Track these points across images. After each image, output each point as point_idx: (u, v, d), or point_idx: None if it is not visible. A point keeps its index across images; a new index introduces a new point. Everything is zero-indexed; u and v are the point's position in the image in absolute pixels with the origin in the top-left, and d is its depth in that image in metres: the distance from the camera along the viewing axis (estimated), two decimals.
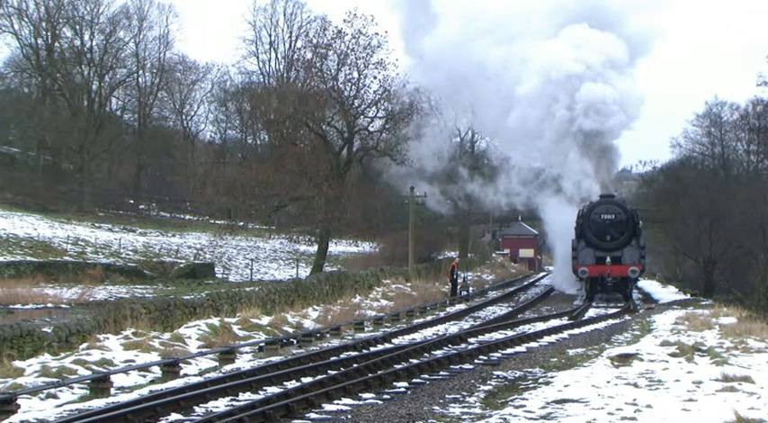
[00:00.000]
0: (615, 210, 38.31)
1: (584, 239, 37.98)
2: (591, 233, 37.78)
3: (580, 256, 37.85)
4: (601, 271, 37.10)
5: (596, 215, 38.18)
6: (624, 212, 38.29)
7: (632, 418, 10.74)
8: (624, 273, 37.05)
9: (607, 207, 38.45)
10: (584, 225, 38.15)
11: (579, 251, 37.92)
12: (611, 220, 37.91)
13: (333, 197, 45.95)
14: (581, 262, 37.69)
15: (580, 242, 38.07)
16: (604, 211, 38.19)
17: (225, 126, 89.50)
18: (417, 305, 33.37)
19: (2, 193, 68.10)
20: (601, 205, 38.75)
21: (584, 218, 38.44)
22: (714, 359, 15.52)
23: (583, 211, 39.08)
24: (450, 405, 12.45)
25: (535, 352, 18.90)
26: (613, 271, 37.02)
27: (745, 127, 73.19)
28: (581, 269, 37.39)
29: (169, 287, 45.75)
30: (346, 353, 18.62)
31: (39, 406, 13.11)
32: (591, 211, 38.40)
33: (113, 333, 19.41)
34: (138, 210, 78.91)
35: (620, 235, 37.71)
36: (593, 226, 37.88)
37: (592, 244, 37.74)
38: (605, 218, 37.93)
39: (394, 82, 47.46)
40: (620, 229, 37.72)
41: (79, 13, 75.79)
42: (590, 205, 39.28)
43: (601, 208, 38.47)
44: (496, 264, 69.92)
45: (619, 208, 38.64)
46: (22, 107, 74.22)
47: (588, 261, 37.60)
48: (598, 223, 37.90)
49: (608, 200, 39.57)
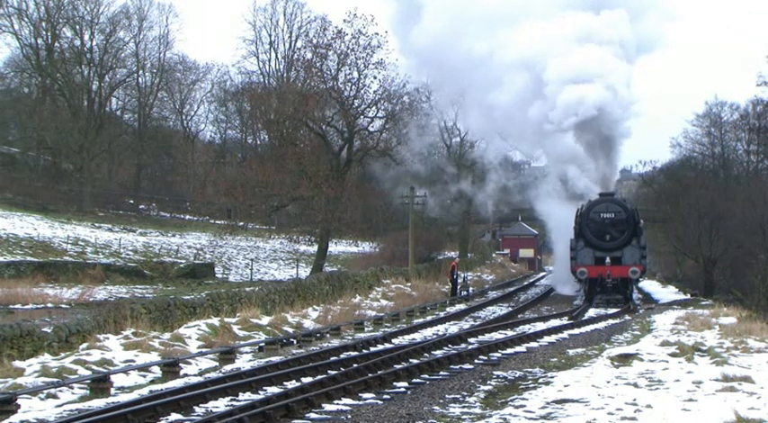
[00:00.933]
0: (615, 208, 37.07)
1: (582, 239, 36.85)
2: (590, 232, 36.66)
3: (579, 256, 36.70)
4: (600, 272, 35.99)
5: (595, 214, 36.95)
6: (624, 211, 37.08)
7: (632, 418, 10.74)
8: (625, 274, 35.93)
9: (607, 205, 37.21)
10: (583, 224, 36.99)
11: (578, 251, 36.78)
12: (611, 218, 36.68)
13: (333, 197, 45.95)
14: (580, 262, 36.54)
15: (579, 242, 36.90)
16: (604, 210, 36.94)
17: (225, 126, 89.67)
18: (417, 305, 33.38)
19: (2, 193, 68.08)
20: (600, 203, 37.54)
21: (582, 217, 37.25)
22: (714, 359, 15.51)
23: (581, 210, 37.86)
24: (450, 405, 12.45)
25: (535, 352, 18.90)
26: (613, 272, 35.89)
27: (745, 127, 73.17)
28: (579, 270, 36.25)
29: (169, 287, 45.72)
30: (346, 353, 18.62)
31: (39, 406, 13.11)
32: (590, 210, 37.22)
33: (113, 333, 19.41)
34: (138, 210, 78.93)
35: (620, 234, 36.53)
36: (593, 225, 36.73)
37: (591, 244, 36.62)
38: (605, 217, 36.69)
39: (394, 82, 47.53)
40: (621, 229, 36.55)
41: (79, 13, 75.87)
42: (589, 203, 38.06)
43: (600, 206, 37.23)
44: (496, 264, 69.92)
45: (619, 206, 37.37)
46: (22, 107, 74.25)
47: (587, 261, 36.47)
48: (597, 222, 36.71)
49: (608, 198, 38.28)
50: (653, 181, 77.01)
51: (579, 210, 38.12)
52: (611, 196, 38.88)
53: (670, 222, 56.40)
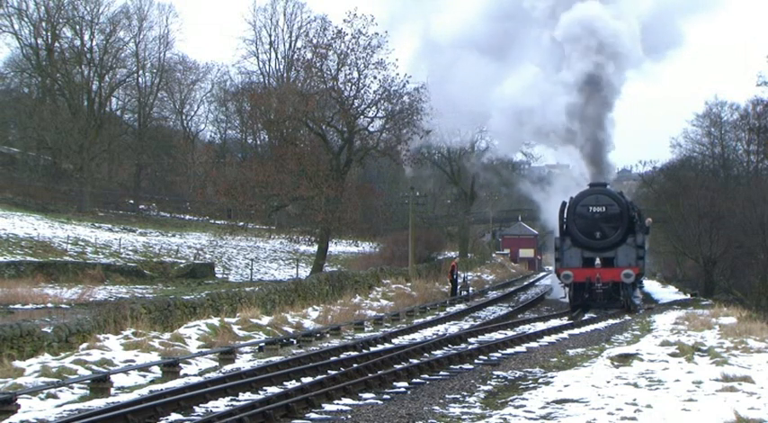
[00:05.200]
0: (606, 201, 31.99)
1: (569, 237, 32.00)
2: (577, 229, 31.84)
3: (565, 257, 31.92)
4: (588, 275, 30.94)
5: (584, 208, 31.95)
6: (618, 204, 31.97)
7: (632, 418, 10.74)
8: (617, 277, 30.86)
9: (597, 197, 32.08)
10: (570, 219, 31.98)
11: (564, 251, 31.96)
12: (602, 213, 31.73)
13: (333, 197, 45.94)
14: (566, 264, 31.66)
15: (565, 240, 32.07)
16: (593, 203, 31.90)
17: (225, 126, 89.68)
18: (417, 305, 33.38)
19: (2, 193, 68.06)
20: (589, 195, 32.34)
21: (568, 211, 32.15)
22: (714, 359, 15.52)
23: (568, 203, 32.71)
24: (450, 405, 12.45)
25: (535, 352, 18.90)
26: (603, 275, 30.86)
27: (745, 127, 73.13)
28: (564, 273, 31.23)
29: (169, 287, 45.68)
30: (346, 353, 18.62)
31: (39, 406, 13.10)
32: (577, 203, 32.19)
33: (113, 333, 19.41)
34: (138, 210, 78.93)
35: (612, 231, 31.66)
36: (580, 220, 31.80)
37: (579, 243, 31.84)
38: (595, 211, 31.74)
39: (394, 82, 47.48)
40: (613, 225, 31.67)
41: (79, 13, 75.86)
42: (577, 195, 32.88)
43: (589, 199, 32.15)
44: (496, 264, 70.03)
45: (611, 199, 32.25)
46: (22, 107, 74.24)
47: (574, 263, 31.68)
48: (586, 217, 31.77)
49: (598, 189, 32.87)
50: (653, 181, 77.07)
51: (565, 203, 33.06)
52: (602, 187, 33.48)
53: (670, 222, 56.40)
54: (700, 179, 65.65)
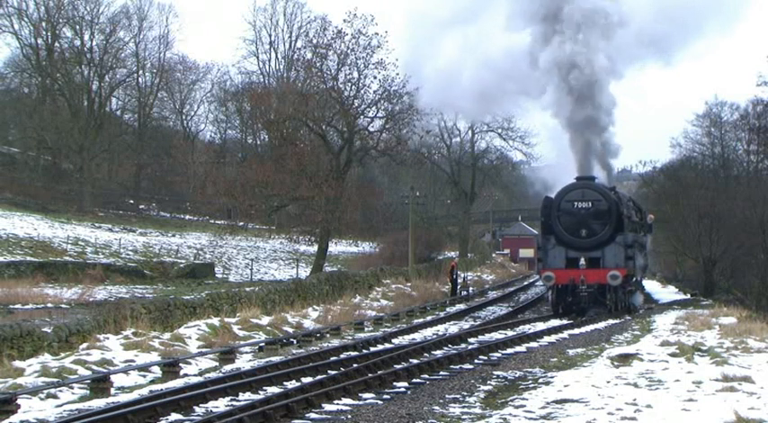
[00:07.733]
0: (593, 196, 29.52)
1: (553, 235, 29.70)
2: (561, 227, 29.47)
3: (548, 257, 29.72)
4: (572, 276, 28.72)
5: (568, 203, 29.55)
6: (606, 199, 29.54)
7: (632, 418, 10.73)
8: (602, 279, 28.49)
9: (582, 192, 29.60)
10: (554, 216, 29.67)
11: (547, 251, 29.77)
12: (588, 209, 29.35)
13: (333, 197, 45.94)
14: (549, 265, 29.50)
15: (549, 239, 29.80)
16: (579, 198, 29.46)
17: (225, 126, 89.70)
18: (417, 305, 33.39)
19: (2, 193, 68.04)
20: (575, 190, 29.86)
21: (552, 207, 29.81)
22: (714, 359, 15.52)
23: (551, 198, 30.43)
24: (450, 405, 12.44)
25: (535, 352, 18.89)
26: (588, 277, 28.54)
27: (745, 127, 73.08)
28: (545, 274, 29.16)
29: (169, 287, 45.69)
30: (346, 353, 18.63)
31: (39, 406, 13.10)
32: (561, 198, 29.85)
33: (113, 333, 19.43)
34: (138, 210, 78.92)
35: (600, 229, 29.30)
36: (565, 217, 29.47)
37: (563, 241, 29.53)
38: (580, 206, 29.36)
39: (394, 82, 47.47)
40: (601, 222, 29.34)
41: (79, 13, 75.89)
42: (561, 190, 30.52)
43: (575, 193, 29.67)
44: (496, 264, 70.08)
45: (598, 193, 29.70)
46: (22, 107, 74.27)
47: (557, 264, 29.44)
48: (571, 213, 29.43)
49: (585, 183, 30.31)
50: (653, 181, 77.01)
51: (549, 198, 30.82)
52: (589, 181, 30.96)
53: (670, 222, 56.41)
54: (700, 179, 65.66)
